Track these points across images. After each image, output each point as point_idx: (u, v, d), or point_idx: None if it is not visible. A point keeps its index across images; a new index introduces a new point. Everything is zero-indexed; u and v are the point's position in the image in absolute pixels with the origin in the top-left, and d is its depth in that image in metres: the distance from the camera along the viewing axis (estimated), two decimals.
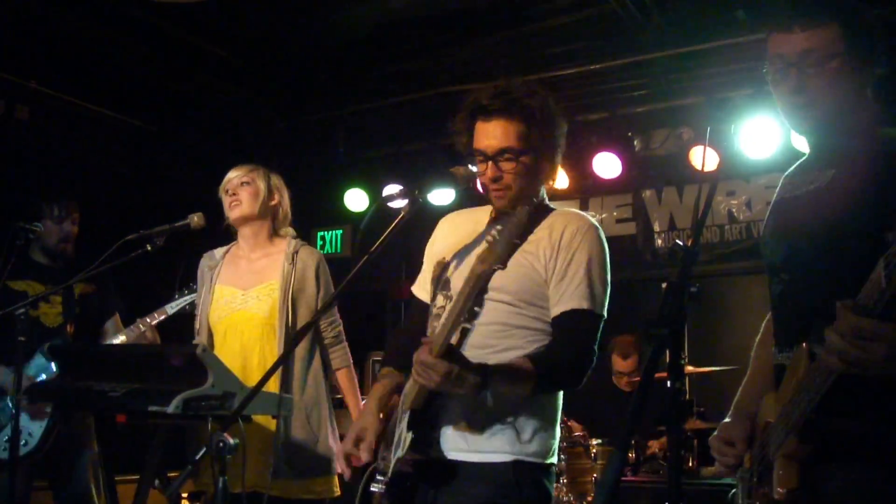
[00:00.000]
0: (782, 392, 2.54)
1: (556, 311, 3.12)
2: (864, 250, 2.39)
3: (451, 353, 2.86)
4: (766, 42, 2.70)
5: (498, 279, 3.08)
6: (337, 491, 4.46)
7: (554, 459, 3.19)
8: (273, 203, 4.62)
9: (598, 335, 3.16)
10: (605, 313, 3.18)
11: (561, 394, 3.27)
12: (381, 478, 3.08)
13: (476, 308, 3.05)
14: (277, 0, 6.82)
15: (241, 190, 4.55)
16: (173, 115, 8.55)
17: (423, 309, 3.40)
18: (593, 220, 3.26)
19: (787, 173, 2.88)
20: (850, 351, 2.11)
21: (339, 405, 4.80)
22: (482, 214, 3.39)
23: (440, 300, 3.23)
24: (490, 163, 3.20)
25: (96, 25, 6.87)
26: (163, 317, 4.91)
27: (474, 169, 3.25)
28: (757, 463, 2.62)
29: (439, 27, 7.23)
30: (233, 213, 4.57)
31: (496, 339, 3.09)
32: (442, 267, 3.33)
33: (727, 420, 2.88)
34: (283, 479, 4.21)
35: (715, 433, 2.88)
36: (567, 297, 3.10)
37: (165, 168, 8.73)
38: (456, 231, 3.42)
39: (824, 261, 2.52)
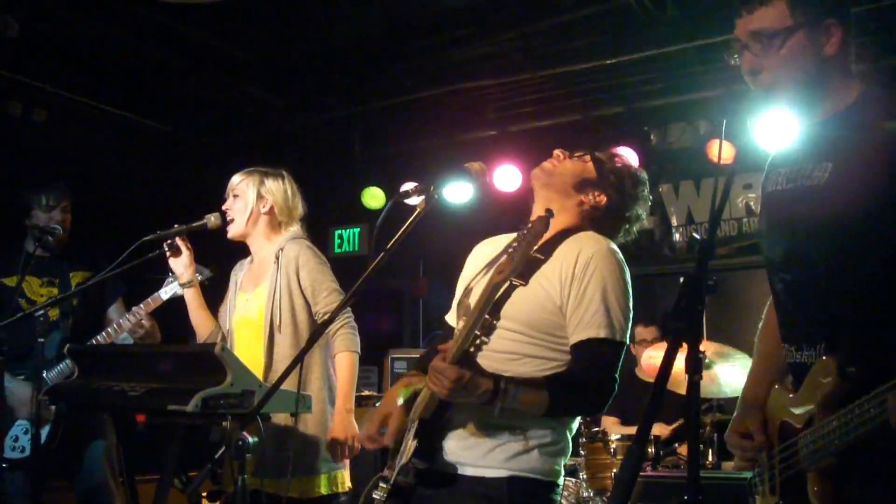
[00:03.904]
0: (803, 395, 2.50)
1: (574, 339, 3.07)
2: (870, 248, 2.38)
3: (465, 360, 2.87)
4: None
5: (514, 305, 3.08)
6: (348, 484, 4.47)
7: (558, 480, 3.14)
8: (265, 209, 4.63)
9: (619, 363, 3.10)
10: (627, 339, 3.13)
11: (576, 422, 3.25)
12: (384, 485, 3.07)
13: (493, 321, 3.02)
14: None
15: (233, 205, 4.62)
16: (189, 116, 8.58)
17: (452, 332, 3.34)
18: (611, 245, 3.20)
19: (772, 160, 2.84)
20: None
21: (358, 402, 4.80)
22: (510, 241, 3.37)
23: (461, 324, 3.17)
24: None
25: (111, 27, 6.89)
26: (157, 304, 4.88)
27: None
28: (779, 464, 2.60)
29: (453, 24, 7.22)
30: (228, 232, 4.65)
31: (507, 365, 3.04)
32: (466, 293, 3.32)
33: (737, 414, 2.86)
34: (292, 477, 4.21)
35: (729, 429, 2.86)
36: (584, 325, 3.05)
37: (181, 168, 8.75)
38: (483, 258, 3.39)
39: (829, 259, 2.48)
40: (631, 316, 3.15)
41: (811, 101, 2.59)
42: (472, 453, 3.05)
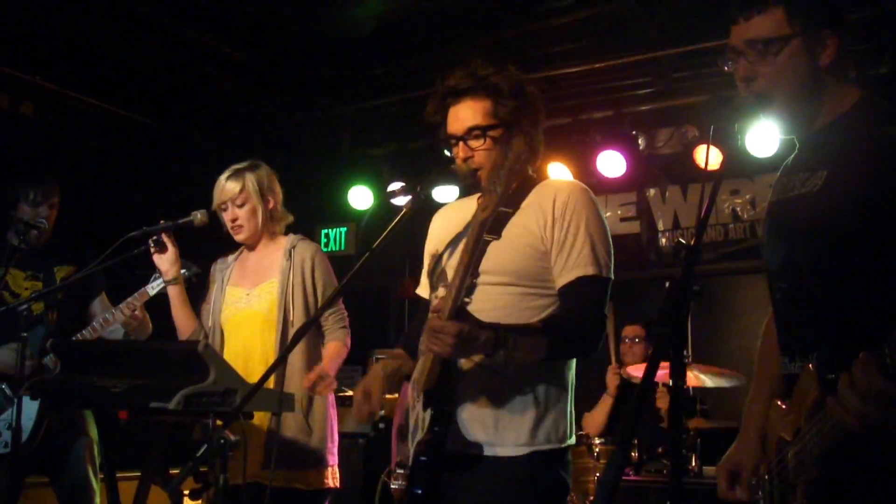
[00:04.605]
0: (793, 407, 2.50)
1: (561, 280, 3.09)
2: (864, 255, 2.37)
3: (461, 314, 2.87)
4: None
5: (493, 258, 3.08)
6: (332, 483, 4.48)
7: (571, 441, 3.16)
8: (270, 207, 4.66)
9: (607, 298, 3.13)
10: (612, 275, 3.15)
11: (573, 372, 3.24)
12: (402, 471, 3.06)
13: (473, 280, 3.04)
14: None
15: (240, 212, 4.61)
16: (177, 111, 8.55)
17: (428, 306, 3.37)
18: (582, 185, 3.24)
19: (780, 172, 2.83)
20: (871, 416, 2.02)
21: (342, 403, 4.80)
22: (472, 203, 3.36)
23: (441, 291, 3.19)
24: (460, 143, 3.20)
25: (100, 21, 6.87)
26: (145, 299, 4.86)
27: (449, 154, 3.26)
28: (775, 478, 2.59)
29: (444, 24, 7.22)
30: (238, 238, 4.66)
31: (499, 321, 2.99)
32: (436, 259, 3.32)
33: (737, 443, 2.85)
34: (276, 470, 4.21)
35: (723, 459, 2.85)
36: (571, 265, 3.08)
37: (169, 164, 8.72)
38: (448, 223, 3.42)
39: (824, 267, 2.47)
40: (612, 251, 3.18)
41: (805, 111, 2.59)
42: (490, 433, 3.04)
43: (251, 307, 4.55)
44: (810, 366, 2.40)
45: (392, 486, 3.09)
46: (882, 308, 2.34)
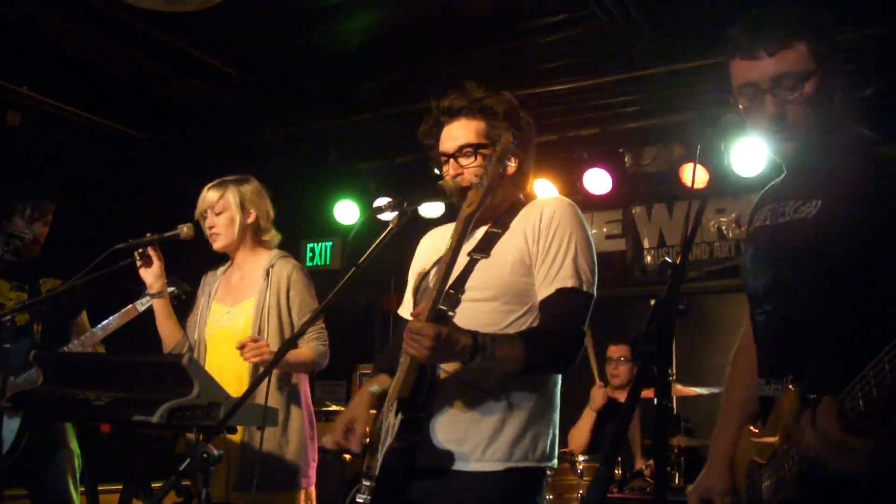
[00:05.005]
0: (769, 429, 2.48)
1: (542, 293, 3.09)
2: (853, 283, 2.37)
3: (441, 318, 2.86)
4: (729, 68, 2.62)
5: (480, 276, 3.08)
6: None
7: (551, 462, 3.14)
8: (250, 220, 4.64)
9: (588, 315, 3.12)
10: (594, 292, 3.15)
11: (558, 388, 3.22)
12: (368, 483, 3.01)
13: (458, 295, 3.03)
14: (271, 10, 6.81)
15: (217, 220, 4.61)
16: (165, 124, 8.53)
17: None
18: (569, 201, 3.26)
19: (759, 199, 2.82)
20: (827, 460, 2.10)
21: (321, 417, 4.76)
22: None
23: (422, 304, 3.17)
24: (451, 160, 3.21)
25: (89, 32, 6.85)
26: (133, 315, 4.85)
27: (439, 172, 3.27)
28: (746, 502, 2.58)
29: (432, 40, 7.23)
30: (216, 246, 4.66)
31: None
32: (422, 276, 3.32)
33: (706, 470, 2.83)
34: (238, 492, 4.18)
35: (694, 484, 2.84)
36: (552, 278, 3.07)
37: (156, 176, 8.70)
38: (434, 245, 3.43)
39: (811, 293, 2.46)
40: (596, 269, 3.17)
41: (816, 141, 2.56)
42: (463, 447, 3.01)
43: (229, 326, 4.53)
44: (791, 386, 2.40)
45: (358, 501, 3.02)
46: (870, 333, 2.34)
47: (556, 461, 3.18)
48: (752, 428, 2.64)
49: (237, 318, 4.52)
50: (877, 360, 1.95)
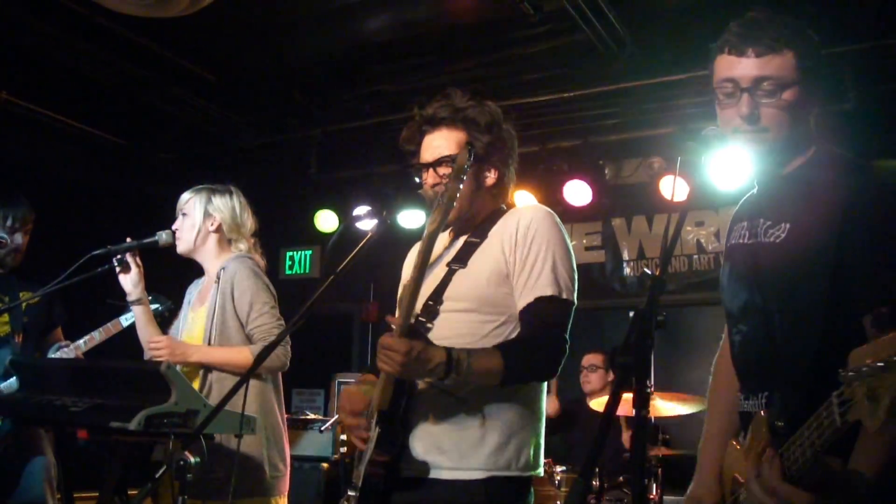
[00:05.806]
0: (746, 449, 2.48)
1: (521, 303, 3.07)
2: (821, 308, 2.39)
3: (413, 333, 2.84)
4: (713, 61, 2.64)
5: (457, 286, 3.08)
6: None
7: (538, 472, 3.12)
8: (212, 227, 4.60)
9: (569, 322, 3.10)
10: (575, 299, 3.13)
11: (543, 396, 3.21)
12: (353, 493, 3.00)
13: (436, 306, 3.04)
14: (253, 18, 6.82)
15: (182, 223, 4.61)
16: (144, 130, 8.52)
17: None
18: (547, 209, 3.24)
19: (736, 213, 2.84)
20: None
21: (299, 425, 4.74)
22: (445, 237, 3.37)
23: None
24: (430, 170, 3.21)
25: (69, 37, 6.84)
26: (117, 329, 4.83)
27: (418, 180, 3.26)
28: None
29: (414, 51, 7.24)
30: (178, 249, 4.63)
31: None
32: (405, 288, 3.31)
33: (695, 481, 2.84)
34: (209, 501, 4.13)
35: (685, 498, 2.83)
36: (531, 286, 3.05)
37: (135, 183, 8.67)
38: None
39: (782, 318, 2.49)
40: (576, 277, 3.16)
41: (785, 153, 2.58)
42: (445, 456, 3.00)
43: (192, 331, 4.54)
44: (762, 412, 2.41)
45: None
46: (839, 358, 2.35)
47: (541, 470, 3.16)
48: (734, 443, 2.66)
49: (196, 324, 4.53)
50: (819, 412, 2.00)
